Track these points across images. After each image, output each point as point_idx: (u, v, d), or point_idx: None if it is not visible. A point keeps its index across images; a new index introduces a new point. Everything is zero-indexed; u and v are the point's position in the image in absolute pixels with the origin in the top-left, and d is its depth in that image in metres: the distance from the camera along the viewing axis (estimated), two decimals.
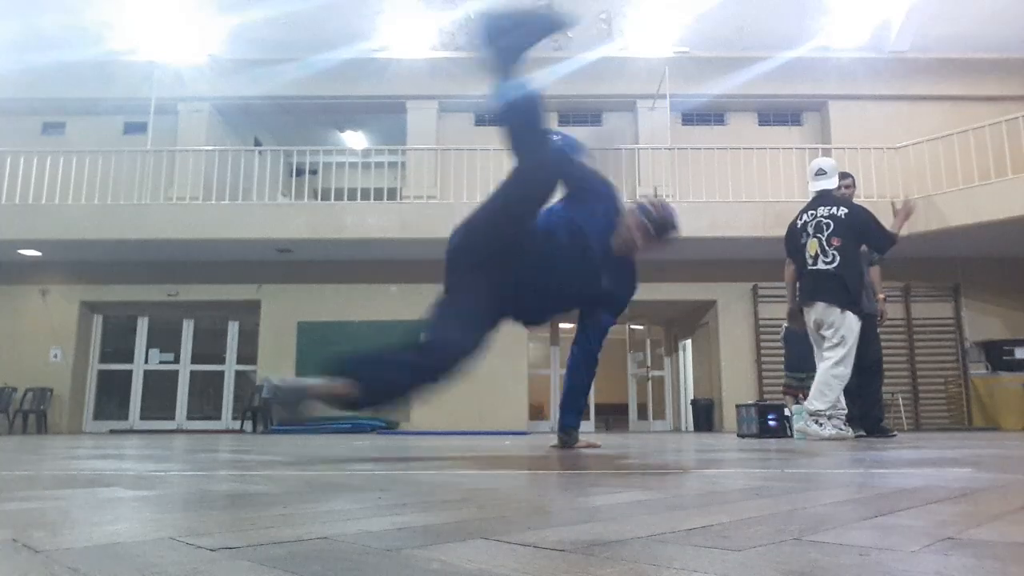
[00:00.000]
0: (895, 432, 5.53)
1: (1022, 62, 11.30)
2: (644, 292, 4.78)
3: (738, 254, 10.41)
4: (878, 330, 5.31)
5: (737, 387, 10.22)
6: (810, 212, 5.08)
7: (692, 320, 12.10)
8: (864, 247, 5.04)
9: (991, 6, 10.42)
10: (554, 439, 3.43)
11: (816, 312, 4.89)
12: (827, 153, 11.13)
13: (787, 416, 5.98)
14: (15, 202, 10.03)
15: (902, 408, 10.10)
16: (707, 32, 11.09)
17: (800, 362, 7.63)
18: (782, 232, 10.02)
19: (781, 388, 7.95)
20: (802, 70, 11.36)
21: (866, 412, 5.10)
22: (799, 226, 5.14)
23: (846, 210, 4.94)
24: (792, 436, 5.65)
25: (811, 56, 11.26)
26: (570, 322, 3.45)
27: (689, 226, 9.74)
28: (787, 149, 10.76)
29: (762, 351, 10.54)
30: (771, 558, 0.69)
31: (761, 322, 10.64)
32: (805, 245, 5.02)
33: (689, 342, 12.93)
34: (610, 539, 0.80)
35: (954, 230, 9.29)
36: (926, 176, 9.75)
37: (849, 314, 4.76)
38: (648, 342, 13.39)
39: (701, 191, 10.22)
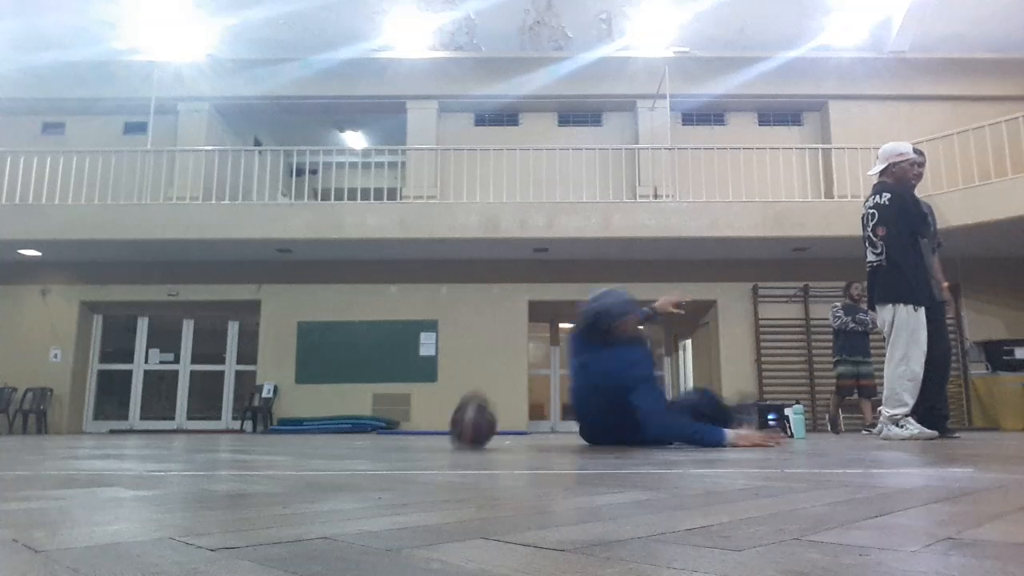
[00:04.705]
0: (959, 434, 5.19)
1: (1022, 62, 11.30)
2: (645, 292, 4.79)
3: (738, 254, 10.41)
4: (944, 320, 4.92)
5: (737, 387, 10.22)
6: (865, 204, 4.85)
7: (692, 320, 12.10)
8: (925, 238, 4.73)
9: (991, 6, 10.42)
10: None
11: (879, 315, 4.69)
12: (827, 153, 11.15)
13: (787, 416, 5.98)
14: (15, 202, 10.02)
15: None
16: (707, 32, 11.09)
17: (851, 348, 7.61)
18: (782, 232, 9.98)
19: (835, 385, 7.77)
20: (802, 70, 11.36)
21: (929, 408, 4.70)
22: (862, 221, 4.88)
23: (888, 195, 4.67)
24: (792, 436, 5.65)
25: (811, 56, 11.26)
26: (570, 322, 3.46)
27: (689, 226, 9.84)
28: (787, 149, 10.77)
29: (762, 351, 10.54)
30: (771, 558, 0.69)
31: (761, 322, 10.64)
32: (864, 241, 4.80)
33: (689, 342, 12.92)
34: (610, 539, 0.79)
35: (954, 230, 9.26)
36: (926, 176, 9.71)
37: (900, 307, 4.47)
38: (648, 342, 13.34)
39: (701, 191, 10.22)
